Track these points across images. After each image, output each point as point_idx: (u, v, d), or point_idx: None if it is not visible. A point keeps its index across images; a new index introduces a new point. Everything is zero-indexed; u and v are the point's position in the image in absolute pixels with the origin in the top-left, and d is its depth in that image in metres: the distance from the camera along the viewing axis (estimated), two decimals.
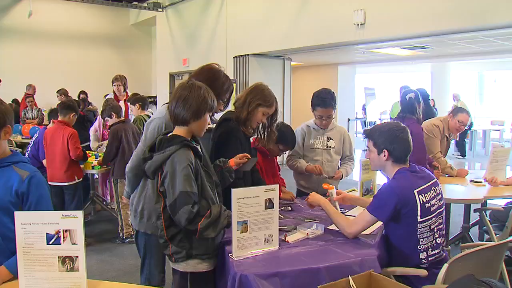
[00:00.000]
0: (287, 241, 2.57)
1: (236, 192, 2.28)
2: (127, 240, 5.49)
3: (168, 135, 2.38)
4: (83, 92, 10.73)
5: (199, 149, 2.39)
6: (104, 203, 6.71)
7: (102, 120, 6.31)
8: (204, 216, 2.25)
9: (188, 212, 2.20)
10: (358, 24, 7.72)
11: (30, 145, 5.96)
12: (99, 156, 5.86)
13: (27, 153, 5.93)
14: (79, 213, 1.87)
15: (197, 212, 2.23)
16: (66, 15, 13.84)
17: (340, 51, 10.38)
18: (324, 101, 3.74)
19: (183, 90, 2.36)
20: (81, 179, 5.49)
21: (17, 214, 1.88)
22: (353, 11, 7.75)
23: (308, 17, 8.69)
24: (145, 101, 6.23)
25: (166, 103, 2.84)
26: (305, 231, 2.71)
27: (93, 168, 5.71)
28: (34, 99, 10.65)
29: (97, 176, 6.61)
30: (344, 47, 9.33)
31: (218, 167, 2.62)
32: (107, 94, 7.08)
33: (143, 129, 5.52)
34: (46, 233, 1.87)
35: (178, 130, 2.40)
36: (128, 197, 2.92)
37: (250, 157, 2.73)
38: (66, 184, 5.29)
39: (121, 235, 5.54)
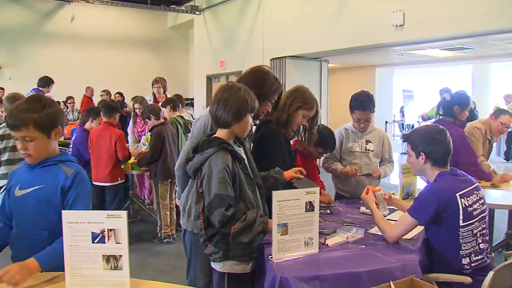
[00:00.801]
0: (327, 245, 2.56)
1: (277, 195, 2.28)
2: (165, 241, 5.57)
3: (210, 137, 2.41)
4: (119, 93, 10.94)
5: (239, 152, 2.42)
6: (144, 203, 6.83)
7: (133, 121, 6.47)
8: (239, 221, 2.26)
9: (221, 215, 2.23)
10: (397, 25, 7.61)
11: (71, 146, 6.05)
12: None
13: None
14: (123, 213, 1.91)
15: (232, 216, 2.25)
16: (106, 19, 14.24)
17: (378, 52, 10.25)
18: (362, 104, 3.70)
19: (223, 92, 2.38)
20: (123, 180, 5.59)
21: (65, 213, 1.94)
22: (392, 12, 7.65)
23: (346, 18, 8.62)
24: (175, 102, 6.22)
25: None
26: (345, 234, 2.69)
27: (132, 168, 5.81)
28: (92, 100, 10.93)
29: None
30: (382, 49, 9.22)
31: (272, 178, 2.64)
32: (134, 98, 7.09)
33: (177, 131, 5.64)
34: (92, 232, 1.91)
35: (220, 133, 2.42)
36: (179, 197, 2.95)
37: (305, 173, 2.76)
38: (109, 184, 5.41)
39: (159, 235, 5.61)
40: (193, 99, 13.62)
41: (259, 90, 2.62)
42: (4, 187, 4.06)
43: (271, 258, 2.33)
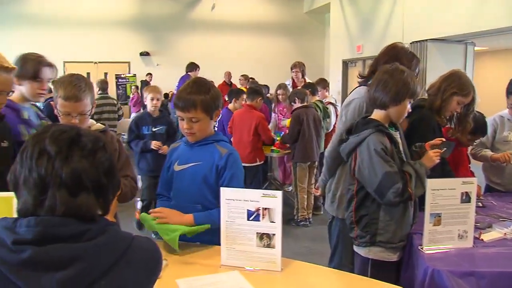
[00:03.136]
0: (482, 240, 2.40)
1: (431, 183, 2.20)
2: (302, 223, 5.65)
3: (364, 119, 2.38)
4: (252, 78, 11.26)
5: (395, 136, 2.35)
6: (283, 186, 6.98)
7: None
8: (408, 181, 2.22)
9: (396, 189, 2.20)
10: None
11: (216, 125, 6.35)
12: (276, 140, 6.09)
13: None
14: (279, 193, 1.97)
15: (404, 184, 2.22)
16: (244, 6, 14.75)
17: None
18: None
19: (384, 74, 2.35)
20: (262, 161, 5.75)
21: (223, 190, 2.05)
22: None
23: None
24: (314, 87, 6.34)
25: (359, 86, 2.85)
26: (502, 230, 2.49)
27: (272, 151, 5.97)
28: (228, 84, 11.43)
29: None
30: None
31: (415, 154, 2.53)
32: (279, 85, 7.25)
33: (319, 114, 5.66)
34: (247, 210, 2.00)
35: (376, 114, 2.40)
36: (323, 185, 2.96)
37: (444, 140, 2.59)
38: (248, 165, 5.55)
39: (296, 218, 5.70)
40: (328, 83, 13.53)
41: None
42: None
43: (421, 248, 2.25)
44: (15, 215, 1.16)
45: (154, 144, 4.63)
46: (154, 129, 4.81)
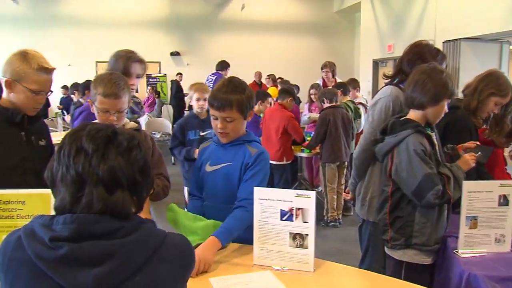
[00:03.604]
0: None
1: (467, 185, 2.15)
2: (331, 224, 5.61)
3: (401, 119, 2.35)
4: (280, 78, 11.23)
5: (433, 137, 2.32)
6: (314, 187, 6.94)
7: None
8: (447, 183, 2.20)
9: (437, 191, 2.18)
10: None
11: None
12: (307, 140, 6.06)
13: None
14: (312, 193, 1.95)
15: (443, 186, 2.20)
16: (274, 5, 14.76)
17: None
18: None
19: (422, 74, 2.32)
20: (289, 161, 5.74)
21: (256, 190, 2.04)
22: None
23: None
24: (346, 87, 6.32)
25: (385, 85, 2.81)
26: None
27: (302, 151, 5.95)
28: (258, 84, 11.43)
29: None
30: None
31: (447, 155, 2.49)
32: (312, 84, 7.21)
33: (349, 115, 5.61)
34: (280, 210, 1.99)
35: (413, 114, 2.36)
36: (353, 188, 2.93)
37: (479, 143, 2.53)
38: (275, 163, 5.55)
39: (325, 218, 5.67)
40: (359, 83, 13.40)
41: (424, 63, 2.50)
42: None
43: (457, 252, 2.21)
44: (52, 212, 1.18)
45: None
46: (202, 133, 4.07)
